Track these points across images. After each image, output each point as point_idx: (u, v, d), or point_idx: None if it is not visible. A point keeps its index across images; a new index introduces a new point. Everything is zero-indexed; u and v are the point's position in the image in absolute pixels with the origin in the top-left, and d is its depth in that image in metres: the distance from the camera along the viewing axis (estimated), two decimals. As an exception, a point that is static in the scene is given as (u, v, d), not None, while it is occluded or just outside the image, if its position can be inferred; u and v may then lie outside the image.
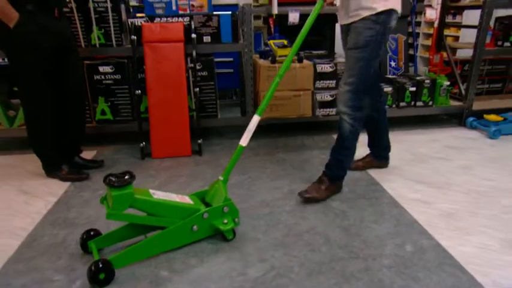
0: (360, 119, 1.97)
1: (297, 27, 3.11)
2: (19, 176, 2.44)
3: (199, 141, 2.72)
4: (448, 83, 3.19)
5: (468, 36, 4.59)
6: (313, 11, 1.80)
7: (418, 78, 3.17)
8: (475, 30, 3.13)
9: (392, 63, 3.49)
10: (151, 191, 1.59)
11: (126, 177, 1.45)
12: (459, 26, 4.61)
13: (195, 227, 1.61)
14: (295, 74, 2.83)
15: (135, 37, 2.61)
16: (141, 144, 2.68)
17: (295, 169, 2.45)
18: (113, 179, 1.43)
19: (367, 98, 2.04)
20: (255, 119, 1.74)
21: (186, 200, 1.67)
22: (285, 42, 3.00)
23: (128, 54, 2.70)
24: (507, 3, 3.11)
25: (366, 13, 1.82)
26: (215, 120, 2.97)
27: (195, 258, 1.58)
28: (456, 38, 5.59)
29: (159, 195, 1.59)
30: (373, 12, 1.80)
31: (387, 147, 2.39)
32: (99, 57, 2.83)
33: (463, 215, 1.89)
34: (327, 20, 3.83)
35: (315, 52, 3.45)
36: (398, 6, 1.86)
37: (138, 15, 3.44)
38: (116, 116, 2.88)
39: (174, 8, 2.63)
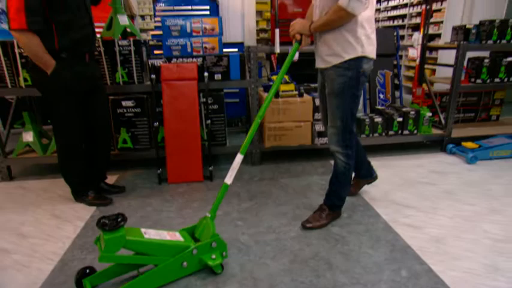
0: (352, 155, 1.94)
1: (297, 64, 3.19)
2: (51, 200, 2.43)
3: (210, 168, 2.73)
4: (430, 114, 3.23)
5: (443, 71, 4.66)
6: (291, 52, 1.80)
7: (404, 109, 3.20)
8: (450, 67, 3.20)
9: (381, 96, 3.53)
10: (143, 230, 1.54)
11: (119, 219, 1.39)
12: (436, 63, 4.69)
13: (184, 263, 1.57)
14: (296, 107, 2.86)
15: (154, 76, 2.64)
16: (158, 171, 2.68)
17: (297, 194, 2.45)
18: (106, 222, 1.37)
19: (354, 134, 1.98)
20: (239, 158, 1.70)
21: (177, 237, 1.62)
22: (287, 78, 3.04)
23: (148, 90, 2.73)
24: (477, 47, 3.20)
25: (336, 61, 1.77)
26: (224, 147, 2.98)
27: (211, 285, 1.57)
28: (433, 71, 5.67)
29: (150, 234, 1.54)
30: (343, 60, 1.75)
31: (368, 164, 2.34)
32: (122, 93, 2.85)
33: (450, 239, 1.89)
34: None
35: (312, 85, 3.48)
36: (370, 52, 1.77)
37: (156, 52, 3.51)
38: (135, 144, 2.89)
39: (189, 49, 2.67)
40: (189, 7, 3.66)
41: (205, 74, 2.66)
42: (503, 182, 2.60)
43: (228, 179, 1.67)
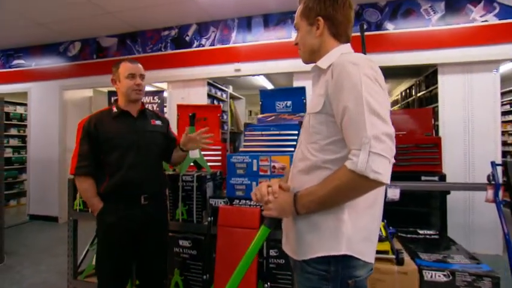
0: None
1: (397, 204, 2.15)
2: None
3: None
4: None
5: None
6: (256, 240, 1.17)
7: None
8: None
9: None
10: None
11: None
12: None
13: None
14: (393, 280, 1.69)
15: (212, 218, 1.97)
16: None
17: None
18: None
19: None
20: None
21: None
22: (383, 228, 1.93)
23: (206, 232, 2.04)
24: None
25: (305, 256, 1.07)
26: (289, 317, 1.91)
27: None
28: None
29: None
30: (314, 256, 1.04)
31: None
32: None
33: None
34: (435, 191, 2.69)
35: (421, 232, 2.25)
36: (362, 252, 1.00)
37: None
38: (187, 291, 2.12)
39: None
40: (277, 132, 3.14)
41: (268, 223, 1.84)
42: None
43: None
